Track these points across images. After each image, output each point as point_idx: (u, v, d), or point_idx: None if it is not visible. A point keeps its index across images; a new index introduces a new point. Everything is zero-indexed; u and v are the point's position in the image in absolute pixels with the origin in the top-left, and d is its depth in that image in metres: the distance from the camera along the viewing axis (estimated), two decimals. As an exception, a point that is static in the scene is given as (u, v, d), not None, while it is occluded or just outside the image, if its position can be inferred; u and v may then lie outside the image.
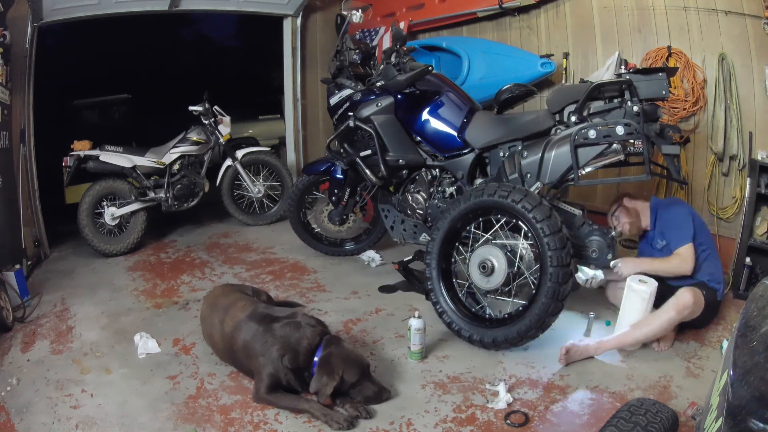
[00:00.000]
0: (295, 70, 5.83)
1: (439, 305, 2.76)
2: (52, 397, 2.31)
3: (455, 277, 2.85)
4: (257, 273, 3.80)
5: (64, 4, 4.22)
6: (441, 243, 2.80)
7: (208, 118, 4.63)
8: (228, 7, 5.31)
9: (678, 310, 2.45)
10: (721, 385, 1.15)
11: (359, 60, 3.54)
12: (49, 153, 4.41)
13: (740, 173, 3.40)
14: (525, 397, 2.24)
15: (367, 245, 4.06)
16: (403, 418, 2.11)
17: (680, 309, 2.45)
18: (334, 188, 3.74)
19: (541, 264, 2.47)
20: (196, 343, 2.76)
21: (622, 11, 3.87)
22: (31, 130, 4.20)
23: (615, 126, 2.46)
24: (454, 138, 3.13)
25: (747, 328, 1.14)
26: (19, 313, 3.12)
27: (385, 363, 2.53)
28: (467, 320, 2.68)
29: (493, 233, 2.70)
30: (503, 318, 2.64)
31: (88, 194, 4.26)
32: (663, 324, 2.46)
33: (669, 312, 2.45)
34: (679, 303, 2.46)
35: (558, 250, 2.40)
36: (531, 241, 2.58)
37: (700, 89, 3.48)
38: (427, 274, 2.82)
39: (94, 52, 7.23)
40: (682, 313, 2.46)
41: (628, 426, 1.78)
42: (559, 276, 2.40)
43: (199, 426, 2.09)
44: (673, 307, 2.45)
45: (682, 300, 2.46)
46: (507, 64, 4.31)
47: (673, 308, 2.45)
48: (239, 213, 4.99)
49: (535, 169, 2.72)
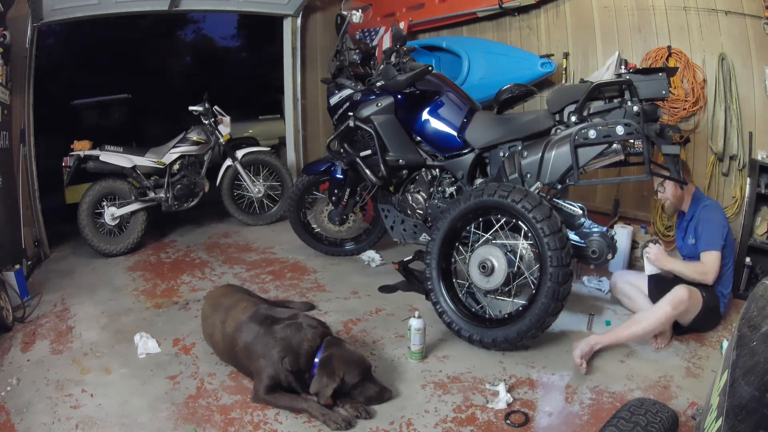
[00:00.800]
0: (295, 70, 5.83)
1: (439, 305, 2.76)
2: (52, 397, 2.31)
3: (455, 277, 2.85)
4: (257, 273, 3.80)
5: (64, 4, 4.22)
6: (441, 243, 2.79)
7: (208, 118, 4.63)
8: (228, 7, 5.32)
9: (674, 305, 2.46)
10: (721, 385, 1.15)
11: (359, 60, 3.54)
12: (49, 153, 4.41)
13: (740, 173, 3.39)
14: (525, 397, 2.24)
15: (367, 245, 4.06)
16: (403, 418, 2.11)
17: (676, 304, 2.47)
18: (334, 188, 3.74)
19: (541, 264, 2.47)
20: (196, 343, 2.76)
21: (622, 11, 3.87)
22: (31, 130, 4.20)
23: (615, 126, 2.46)
24: (454, 138, 3.13)
25: (747, 328, 1.14)
26: (19, 313, 3.12)
27: (385, 363, 2.53)
28: (467, 320, 2.67)
29: (493, 233, 2.70)
30: (503, 318, 2.64)
31: (88, 194, 4.26)
32: (660, 318, 2.46)
33: (665, 307, 2.47)
34: (674, 298, 2.48)
35: (558, 250, 2.40)
36: (531, 241, 2.58)
37: (700, 89, 3.48)
38: (427, 274, 2.82)
39: (94, 52, 7.22)
40: (677, 308, 2.47)
41: (628, 426, 1.78)
42: (559, 276, 2.40)
43: (199, 426, 2.09)
44: (669, 302, 2.47)
45: (678, 295, 2.48)
46: (507, 64, 4.30)
47: (669, 303, 2.47)
48: (239, 213, 4.99)
49: (535, 169, 2.72)
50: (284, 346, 2.20)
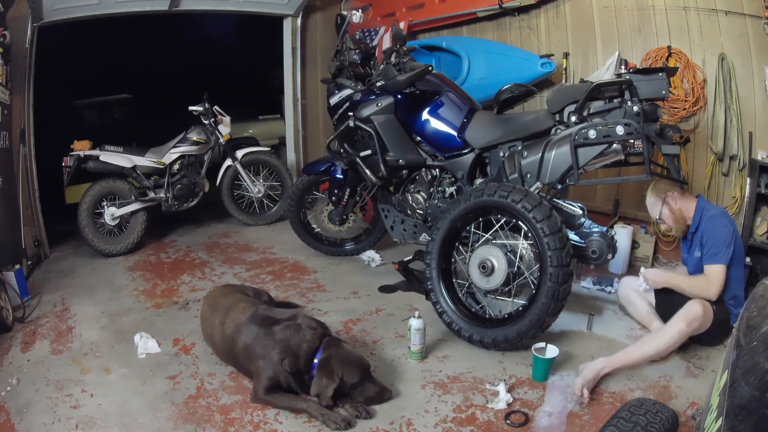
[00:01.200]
0: (295, 70, 5.83)
1: (439, 305, 2.76)
2: (52, 397, 2.31)
3: (455, 277, 2.85)
4: (257, 273, 3.80)
5: (64, 4, 4.22)
6: (441, 243, 2.79)
7: (208, 118, 4.63)
8: (228, 7, 5.31)
9: (688, 322, 2.35)
10: (721, 385, 1.15)
11: (359, 60, 3.54)
12: (49, 153, 4.40)
13: (740, 173, 3.39)
14: (525, 397, 2.24)
15: (367, 245, 4.06)
16: (403, 418, 2.11)
17: (690, 321, 2.35)
18: (334, 188, 3.74)
19: (541, 264, 2.47)
20: (196, 343, 2.76)
21: (622, 11, 3.86)
22: (31, 130, 4.20)
23: (615, 126, 2.46)
24: (454, 138, 3.13)
25: (747, 328, 1.14)
26: (19, 313, 3.12)
27: (385, 363, 2.53)
28: (467, 320, 2.67)
29: (493, 233, 2.70)
30: (503, 318, 2.64)
31: (88, 194, 4.26)
32: (674, 337, 2.36)
33: (679, 325, 2.36)
34: (689, 315, 2.36)
35: (558, 250, 2.40)
36: (531, 241, 2.58)
37: (700, 89, 3.48)
38: (427, 274, 2.82)
39: (94, 52, 7.20)
40: (692, 325, 2.35)
41: (628, 426, 1.78)
42: (559, 276, 2.40)
43: (199, 426, 2.09)
44: (683, 318, 2.36)
45: (692, 312, 2.36)
46: (507, 64, 4.30)
47: (683, 320, 2.35)
48: (239, 213, 4.99)
49: (535, 169, 2.72)
50: (283, 348, 2.20)
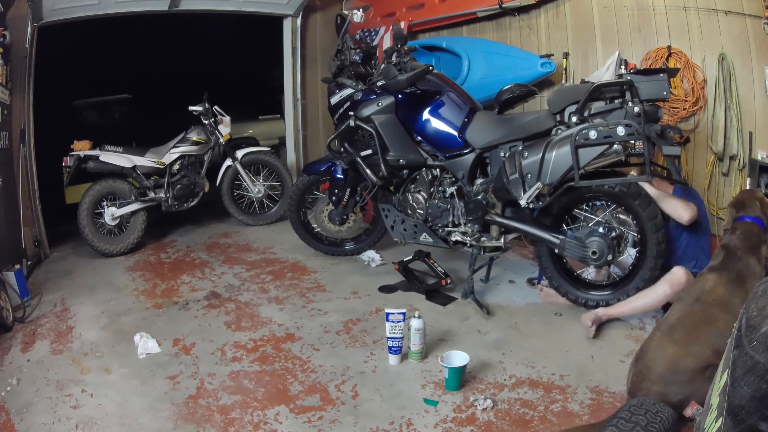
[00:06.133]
0: (295, 70, 5.83)
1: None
2: (52, 397, 2.31)
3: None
4: (257, 273, 3.80)
5: (64, 4, 4.21)
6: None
7: (208, 118, 4.63)
8: (228, 7, 5.31)
9: (671, 285, 2.61)
10: (721, 385, 1.15)
11: (360, 59, 3.53)
12: (49, 153, 4.40)
13: (740, 173, 3.40)
14: (525, 397, 2.24)
15: (367, 245, 4.06)
16: (403, 418, 2.11)
17: (673, 284, 2.60)
18: (334, 188, 3.74)
19: (641, 233, 2.79)
20: (196, 343, 2.77)
21: (622, 11, 3.87)
22: (31, 130, 4.19)
23: (616, 127, 2.47)
24: (454, 138, 3.13)
25: (747, 328, 1.14)
26: (19, 313, 3.12)
27: (385, 363, 2.53)
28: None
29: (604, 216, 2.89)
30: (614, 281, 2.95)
31: (88, 194, 4.26)
32: (659, 296, 2.64)
33: (663, 286, 2.64)
34: (673, 278, 2.62)
35: (653, 219, 2.71)
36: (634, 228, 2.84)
37: (700, 89, 3.48)
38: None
39: (94, 52, 7.20)
40: (674, 288, 2.59)
41: (628, 426, 1.78)
42: (656, 252, 2.73)
43: (199, 426, 2.09)
44: (668, 281, 2.63)
45: (676, 276, 2.62)
46: (507, 64, 4.30)
47: (668, 282, 2.63)
48: (239, 213, 4.99)
49: (535, 169, 2.72)
50: None
